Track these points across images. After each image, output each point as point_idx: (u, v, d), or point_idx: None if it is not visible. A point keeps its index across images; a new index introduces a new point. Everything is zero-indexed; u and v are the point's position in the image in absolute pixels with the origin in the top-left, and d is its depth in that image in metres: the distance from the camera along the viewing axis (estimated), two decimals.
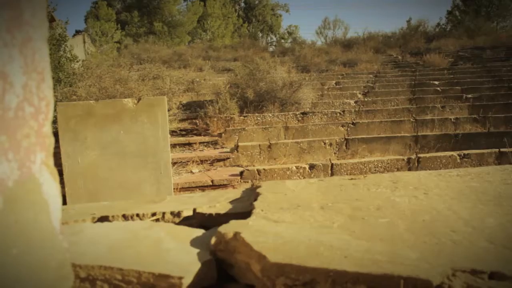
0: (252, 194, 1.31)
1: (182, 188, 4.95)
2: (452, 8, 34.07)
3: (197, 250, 0.83)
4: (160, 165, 4.12)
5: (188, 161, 5.76)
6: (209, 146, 6.65)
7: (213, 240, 0.83)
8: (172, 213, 1.18)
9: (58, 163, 4.30)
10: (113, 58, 18.45)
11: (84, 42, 19.53)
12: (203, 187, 4.95)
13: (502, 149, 5.67)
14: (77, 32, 25.71)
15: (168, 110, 6.76)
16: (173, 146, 6.65)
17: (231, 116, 7.38)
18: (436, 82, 10.76)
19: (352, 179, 1.40)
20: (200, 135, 7.23)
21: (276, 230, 0.83)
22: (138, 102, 4.04)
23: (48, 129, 0.59)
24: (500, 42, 19.45)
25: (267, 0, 39.18)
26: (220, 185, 5.02)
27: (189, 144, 6.64)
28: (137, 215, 1.18)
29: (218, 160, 5.88)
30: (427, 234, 0.79)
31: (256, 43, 22.32)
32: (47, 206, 0.57)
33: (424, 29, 24.02)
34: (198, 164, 5.76)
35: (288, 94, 8.16)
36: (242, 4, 38.99)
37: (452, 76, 12.10)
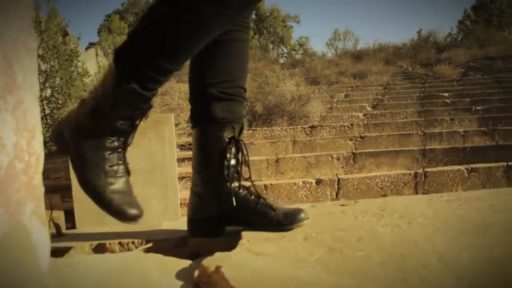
0: None
1: None
2: (463, 17, 33.99)
3: (181, 283, 0.89)
4: (167, 181, 4.19)
5: None
6: None
7: (196, 273, 0.89)
8: (164, 240, 1.24)
9: (66, 177, 4.39)
10: None
11: (97, 55, 19.80)
12: None
13: (510, 163, 5.65)
14: (91, 44, 26.09)
15: (177, 125, 6.86)
16: (182, 160, 6.72)
17: None
18: (446, 94, 10.76)
19: (342, 205, 1.44)
20: None
21: (256, 265, 0.88)
22: (145, 119, 4.13)
23: (38, 180, 0.65)
24: (511, 52, 19.37)
25: (278, 11, 39.44)
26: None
27: None
28: (133, 242, 1.25)
29: None
30: (398, 270, 0.84)
31: (266, 55, 22.44)
32: (35, 251, 0.63)
33: (434, 40, 23.97)
34: None
35: (296, 108, 8.22)
36: (254, 16, 39.28)
37: (461, 87, 12.08)
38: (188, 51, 1.15)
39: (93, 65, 17.80)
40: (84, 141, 1.15)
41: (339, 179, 5.16)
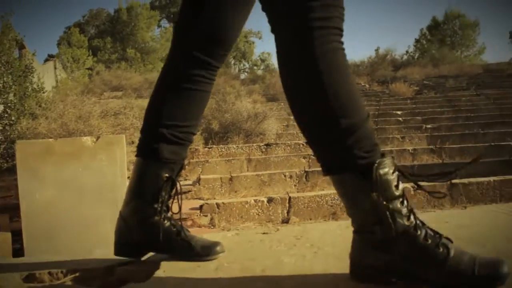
0: None
1: None
2: (420, 36, 35.18)
3: None
4: (118, 201, 4.23)
5: None
6: None
7: None
8: (91, 270, 1.32)
9: (16, 196, 4.35)
10: (83, 84, 18.50)
11: (55, 68, 19.52)
12: None
13: (453, 181, 5.91)
14: (50, 56, 25.68)
15: (132, 143, 6.88)
16: None
17: (196, 147, 7.53)
18: (399, 112, 11.13)
19: (264, 233, 1.56)
20: None
21: None
22: (97, 140, 4.17)
23: None
24: (463, 71, 20.19)
25: None
26: (180, 218, 5.12)
27: None
28: (62, 272, 1.32)
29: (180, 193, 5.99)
30: None
31: (227, 70, 22.60)
32: None
33: (391, 58, 24.70)
34: None
35: (253, 125, 8.35)
36: None
37: (414, 105, 12.52)
38: None
39: (51, 79, 17.56)
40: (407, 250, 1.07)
41: (290, 198, 5.29)
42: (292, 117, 8.52)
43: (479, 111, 11.28)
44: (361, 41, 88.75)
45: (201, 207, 5.21)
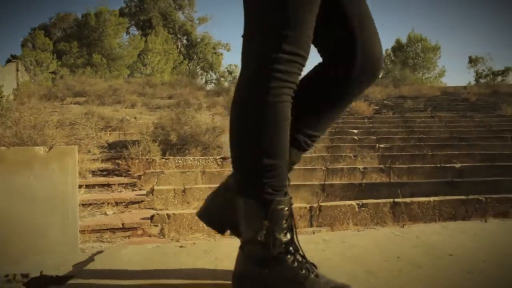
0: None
1: (93, 230, 5.13)
2: (385, 56, 36.11)
3: None
4: (68, 211, 4.32)
5: (103, 203, 5.96)
6: (128, 188, 6.86)
7: None
8: (22, 275, 1.48)
9: None
10: (46, 87, 18.27)
11: (17, 70, 19.26)
12: (113, 230, 5.16)
13: (396, 200, 6.22)
14: (13, 57, 25.28)
15: (88, 152, 6.96)
16: (92, 186, 6.83)
17: (153, 158, 7.65)
18: (355, 131, 11.51)
19: (181, 246, 1.74)
20: (121, 176, 7.43)
21: None
22: (49, 150, 4.27)
23: None
24: (421, 93, 20.91)
25: (209, 38, 40.13)
26: (131, 228, 5.25)
27: (108, 185, 6.83)
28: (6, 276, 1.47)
29: (133, 203, 6.11)
30: None
31: (193, 81, 22.74)
32: None
33: None
34: (114, 206, 5.96)
35: (211, 139, 8.54)
36: (185, 41, 39.68)
37: (371, 125, 12.95)
38: None
39: (12, 81, 17.32)
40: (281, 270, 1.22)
41: None
42: None
43: (431, 133, 11.79)
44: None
45: (152, 217, 5.34)
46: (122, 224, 5.24)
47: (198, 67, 38.87)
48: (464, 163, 8.97)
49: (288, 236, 1.22)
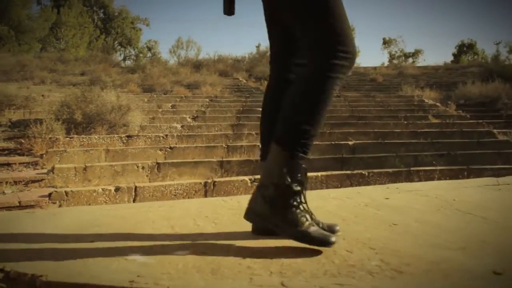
0: None
1: None
2: None
3: None
4: None
5: (1, 182, 6.04)
6: (29, 167, 6.93)
7: None
8: None
9: None
10: None
11: None
12: (10, 208, 5.29)
13: None
14: None
15: None
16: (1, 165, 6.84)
17: (57, 137, 7.73)
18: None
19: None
20: (23, 155, 7.45)
21: None
22: None
23: None
24: None
25: (127, 12, 39.11)
26: (28, 206, 5.41)
27: (8, 164, 6.86)
28: None
29: (34, 181, 6.23)
30: None
31: (108, 57, 22.26)
32: None
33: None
34: (12, 185, 6.06)
35: (117, 117, 8.70)
36: (101, 15, 38.44)
37: None
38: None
39: None
40: (285, 212, 1.57)
41: (136, 187, 5.81)
42: (161, 110, 9.01)
43: (334, 112, 12.54)
44: (244, 37, 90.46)
45: (49, 195, 5.53)
46: (19, 202, 5.38)
47: (116, 42, 37.87)
48: (359, 140, 9.78)
49: (299, 188, 1.61)
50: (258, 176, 6.59)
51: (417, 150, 9.35)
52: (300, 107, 1.61)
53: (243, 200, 2.17)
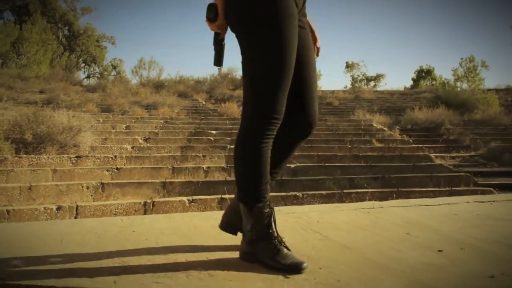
0: None
1: None
2: None
3: None
4: None
5: None
6: None
7: None
8: None
9: None
10: None
11: None
12: None
13: (223, 196, 7.23)
14: None
15: None
16: None
17: (5, 157, 8.00)
18: (214, 132, 12.50)
19: None
20: None
21: None
22: None
23: None
24: None
25: (92, 30, 39.25)
26: None
27: None
28: None
29: None
30: None
31: (70, 76, 22.42)
32: None
33: (232, 77, 26.43)
34: None
35: (68, 138, 9.02)
36: (66, 32, 38.47)
37: (232, 126, 14.03)
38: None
39: None
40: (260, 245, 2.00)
41: (77, 206, 6.16)
42: (114, 131, 9.39)
43: None
44: (207, 58, 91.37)
45: None
46: None
47: (80, 59, 37.90)
48: (302, 163, 10.33)
49: (270, 225, 2.04)
50: (195, 197, 6.94)
51: (355, 173, 9.94)
52: (242, 167, 2.09)
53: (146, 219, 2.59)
